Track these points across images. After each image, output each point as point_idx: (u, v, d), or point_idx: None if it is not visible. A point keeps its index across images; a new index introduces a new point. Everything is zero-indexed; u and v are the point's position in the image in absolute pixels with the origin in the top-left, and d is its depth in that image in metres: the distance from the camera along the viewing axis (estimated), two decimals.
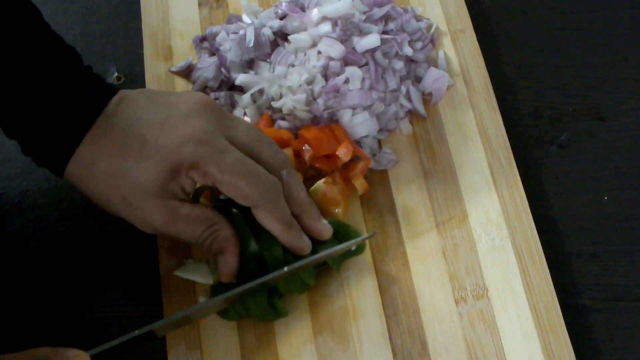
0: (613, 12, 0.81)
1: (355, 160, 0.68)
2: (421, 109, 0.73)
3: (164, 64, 0.76)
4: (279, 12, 0.74)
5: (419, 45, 0.75)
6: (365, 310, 0.64)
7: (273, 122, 0.70)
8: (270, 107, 0.70)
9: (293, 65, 0.71)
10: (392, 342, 0.62)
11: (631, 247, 0.68)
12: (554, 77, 0.77)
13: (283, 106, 0.69)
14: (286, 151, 0.66)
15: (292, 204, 0.61)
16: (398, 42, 0.72)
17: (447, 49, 0.76)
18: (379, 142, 0.72)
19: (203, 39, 0.77)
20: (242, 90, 0.72)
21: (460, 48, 0.76)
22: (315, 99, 0.69)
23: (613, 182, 0.72)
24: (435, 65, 0.75)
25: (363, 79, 0.69)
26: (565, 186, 0.71)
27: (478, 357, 0.62)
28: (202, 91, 0.74)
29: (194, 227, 0.59)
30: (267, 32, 0.73)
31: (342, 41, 0.70)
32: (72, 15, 0.80)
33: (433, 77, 0.73)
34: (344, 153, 0.67)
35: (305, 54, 0.71)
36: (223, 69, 0.73)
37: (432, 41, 0.76)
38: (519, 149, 0.72)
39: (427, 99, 0.74)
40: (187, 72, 0.75)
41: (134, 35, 0.78)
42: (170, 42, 0.77)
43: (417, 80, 0.74)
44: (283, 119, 0.70)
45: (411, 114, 0.73)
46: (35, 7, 0.59)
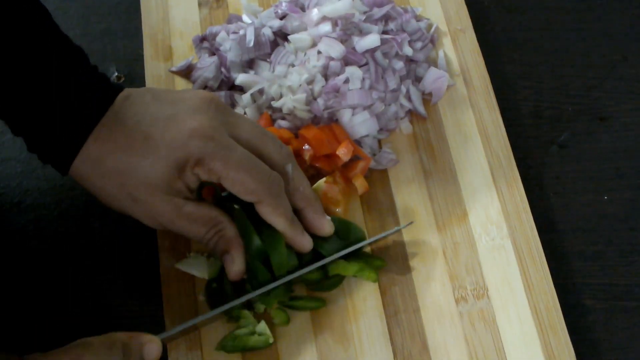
0: (613, 12, 0.81)
1: (355, 159, 0.68)
2: (421, 108, 0.73)
3: (164, 64, 0.76)
4: (279, 12, 0.74)
5: (419, 45, 0.75)
6: (366, 309, 0.64)
7: (273, 121, 0.70)
8: (270, 106, 0.70)
9: (293, 65, 0.71)
10: (392, 341, 0.62)
11: (631, 247, 0.68)
12: (554, 77, 0.77)
13: (283, 106, 0.69)
14: None
15: (297, 198, 0.62)
16: (398, 42, 0.72)
17: (447, 49, 0.76)
18: (379, 141, 0.72)
19: (203, 38, 0.77)
20: (242, 90, 0.72)
21: (460, 48, 0.76)
22: (315, 99, 0.69)
23: (613, 182, 0.72)
24: (435, 65, 0.75)
25: (363, 79, 0.69)
26: (565, 186, 0.71)
27: (478, 356, 0.62)
28: None
29: (198, 226, 0.59)
30: (267, 32, 0.73)
31: (342, 41, 0.70)
32: (72, 15, 0.80)
33: (433, 77, 0.73)
34: (344, 153, 0.67)
35: (305, 54, 0.71)
36: (223, 69, 0.73)
37: (432, 41, 0.76)
38: (519, 149, 0.72)
39: (427, 98, 0.74)
40: (187, 72, 0.75)
41: (134, 35, 0.78)
42: (170, 42, 0.77)
43: (417, 80, 0.74)
44: (283, 118, 0.70)
45: (411, 113, 0.73)
46: (43, 7, 0.59)
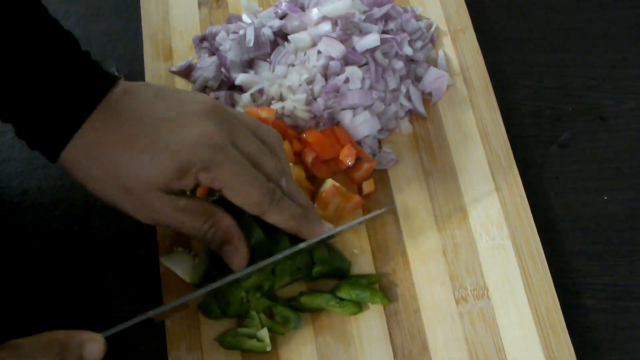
0: (613, 12, 0.81)
1: (357, 161, 0.69)
2: (421, 108, 0.73)
3: (164, 64, 0.76)
4: (279, 11, 0.74)
5: (418, 44, 0.75)
6: (366, 309, 0.64)
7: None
8: (270, 106, 0.70)
9: (293, 65, 0.71)
10: (392, 341, 0.62)
11: (631, 247, 0.68)
12: (554, 77, 0.77)
13: (283, 106, 0.69)
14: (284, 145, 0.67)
15: None
16: (398, 41, 0.72)
17: (447, 49, 0.76)
18: (379, 141, 0.72)
19: (203, 38, 0.77)
20: (242, 90, 0.72)
21: (460, 47, 0.76)
22: (315, 99, 0.69)
23: (613, 182, 0.72)
24: (435, 64, 0.75)
25: (363, 79, 0.69)
26: (565, 186, 0.71)
27: (478, 356, 0.62)
28: (202, 91, 0.74)
29: (193, 218, 0.59)
30: (267, 31, 0.73)
31: (342, 41, 0.70)
32: (72, 15, 0.80)
33: (433, 77, 0.73)
34: (347, 157, 0.67)
35: (305, 54, 0.71)
36: (223, 69, 0.73)
37: (432, 41, 0.76)
38: (519, 148, 0.72)
39: (427, 98, 0.74)
40: (187, 72, 0.75)
41: (134, 35, 0.78)
42: (170, 42, 0.77)
43: (417, 79, 0.74)
44: (283, 118, 0.70)
45: (411, 113, 0.73)
46: None
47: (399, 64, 0.72)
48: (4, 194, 0.70)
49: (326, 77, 0.70)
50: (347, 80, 0.69)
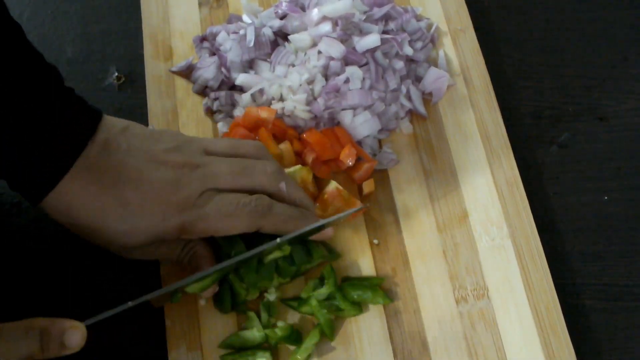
0: (613, 12, 0.81)
1: (358, 161, 0.69)
2: (421, 108, 0.73)
3: (164, 64, 0.76)
4: (279, 11, 0.74)
5: (419, 45, 0.75)
6: (366, 310, 0.64)
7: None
8: (270, 106, 0.70)
9: (293, 65, 0.71)
10: (392, 341, 0.62)
11: (631, 247, 0.68)
12: (554, 77, 0.77)
13: (284, 106, 0.69)
14: (283, 146, 0.67)
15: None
16: (398, 41, 0.72)
17: (447, 49, 0.76)
18: (380, 141, 0.72)
19: (203, 38, 0.76)
20: (242, 90, 0.72)
21: (460, 48, 0.76)
22: (315, 99, 0.69)
23: (613, 182, 0.72)
24: (436, 64, 0.75)
25: (363, 79, 0.69)
26: (565, 186, 0.71)
27: (478, 356, 0.62)
28: (202, 91, 0.74)
29: (173, 250, 0.61)
30: (268, 31, 0.73)
31: (343, 41, 0.70)
32: (72, 15, 0.80)
33: (433, 77, 0.73)
34: (347, 157, 0.67)
35: (305, 54, 0.71)
36: (223, 69, 0.73)
37: (432, 41, 0.76)
38: (519, 149, 0.72)
39: (427, 98, 0.74)
40: (187, 72, 0.75)
41: (134, 35, 0.78)
42: (170, 42, 0.77)
43: (418, 79, 0.74)
44: (283, 118, 0.70)
45: (411, 113, 0.73)
46: (17, 24, 0.56)
47: (400, 64, 0.72)
48: (4, 194, 0.70)
49: (326, 77, 0.70)
50: (347, 81, 0.69)
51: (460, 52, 0.76)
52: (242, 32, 0.73)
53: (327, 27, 0.70)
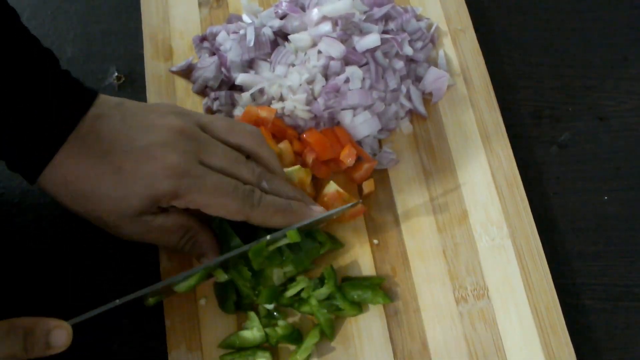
0: (613, 12, 0.81)
1: (358, 161, 0.69)
2: (421, 108, 0.73)
3: (164, 64, 0.76)
4: (279, 11, 0.74)
5: (419, 44, 0.75)
6: (365, 309, 0.64)
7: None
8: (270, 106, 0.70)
9: (293, 65, 0.71)
10: (392, 341, 0.62)
11: (631, 247, 0.68)
12: (554, 77, 0.77)
13: (283, 106, 0.69)
14: (282, 145, 0.68)
15: None
16: (398, 41, 0.72)
17: (447, 49, 0.76)
18: (379, 141, 0.72)
19: (203, 38, 0.76)
20: (242, 89, 0.72)
21: (460, 48, 0.76)
22: (315, 99, 0.69)
23: (613, 182, 0.72)
24: (436, 64, 0.75)
25: (363, 79, 0.69)
26: (565, 186, 0.71)
27: (478, 356, 0.62)
28: (202, 91, 0.74)
29: (170, 234, 0.61)
30: (268, 31, 0.73)
31: (343, 41, 0.70)
32: (72, 15, 0.80)
33: (433, 77, 0.73)
34: (347, 157, 0.67)
35: (305, 54, 0.71)
36: (223, 69, 0.73)
37: (432, 41, 0.76)
38: (519, 149, 0.72)
39: (427, 98, 0.74)
40: (187, 72, 0.75)
41: (134, 35, 0.78)
42: (170, 42, 0.77)
43: (418, 79, 0.74)
44: (283, 118, 0.70)
45: (411, 113, 0.73)
46: (11, 8, 0.58)
47: (400, 64, 0.72)
48: (4, 194, 0.70)
49: (326, 77, 0.70)
50: (347, 80, 0.69)
51: (460, 52, 0.76)
52: (242, 32, 0.73)
53: (327, 27, 0.70)
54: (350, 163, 0.68)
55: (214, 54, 0.75)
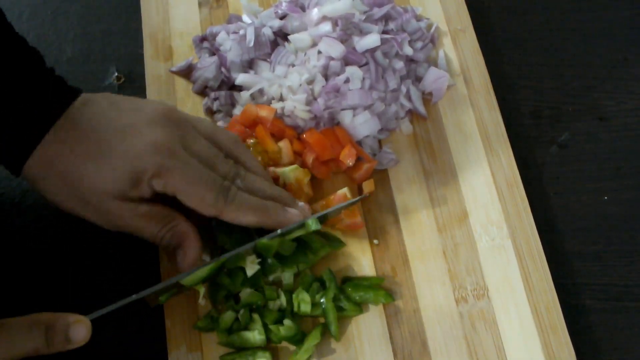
0: (613, 12, 0.81)
1: (358, 161, 0.69)
2: (421, 108, 0.73)
3: (164, 64, 0.76)
4: (279, 12, 0.74)
5: (419, 44, 0.75)
6: (366, 309, 0.64)
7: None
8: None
9: (293, 65, 0.71)
10: (392, 341, 0.62)
11: (631, 247, 0.68)
12: (554, 77, 0.77)
13: (283, 106, 0.69)
14: (282, 143, 0.68)
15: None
16: (398, 41, 0.72)
17: (447, 49, 0.76)
18: (379, 141, 0.72)
19: (203, 38, 0.77)
20: (242, 90, 0.72)
21: (460, 48, 0.76)
22: (315, 99, 0.69)
23: (613, 182, 0.72)
24: (436, 64, 0.75)
25: (363, 79, 0.69)
26: (565, 186, 0.71)
27: (478, 356, 0.62)
28: (202, 91, 0.74)
29: (153, 223, 0.60)
30: (267, 32, 0.73)
31: (342, 41, 0.70)
32: (72, 15, 0.80)
33: (433, 77, 0.73)
34: (347, 157, 0.67)
35: (305, 54, 0.71)
36: (223, 69, 0.73)
37: (432, 41, 0.76)
38: (519, 149, 0.72)
39: (427, 98, 0.74)
40: (187, 72, 0.75)
41: (134, 35, 0.78)
42: (170, 42, 0.77)
43: (418, 79, 0.74)
44: (283, 118, 0.70)
45: (411, 113, 0.73)
46: None
47: (399, 64, 0.72)
48: (4, 194, 0.70)
49: (326, 77, 0.70)
50: (347, 80, 0.69)
51: (460, 52, 0.76)
52: (242, 32, 0.73)
53: (327, 27, 0.70)
54: (350, 163, 0.68)
55: (214, 54, 0.75)
